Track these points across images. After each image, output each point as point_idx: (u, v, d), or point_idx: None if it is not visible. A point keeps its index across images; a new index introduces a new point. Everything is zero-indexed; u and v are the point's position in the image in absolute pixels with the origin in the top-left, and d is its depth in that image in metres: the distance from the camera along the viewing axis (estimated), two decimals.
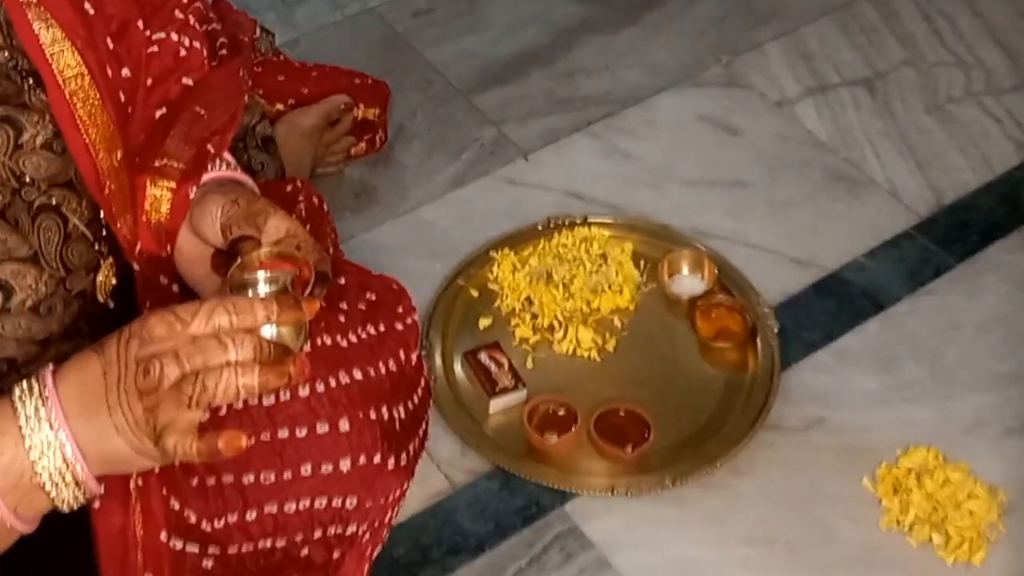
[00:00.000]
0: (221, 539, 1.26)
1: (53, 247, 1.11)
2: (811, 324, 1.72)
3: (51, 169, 1.12)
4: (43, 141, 1.12)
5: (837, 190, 1.92)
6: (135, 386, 0.96)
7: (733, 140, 2.01)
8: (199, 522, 1.24)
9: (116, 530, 1.21)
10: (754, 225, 1.86)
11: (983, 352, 1.68)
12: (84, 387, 0.98)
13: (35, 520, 1.02)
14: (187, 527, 1.24)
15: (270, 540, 1.29)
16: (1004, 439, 1.58)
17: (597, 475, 1.53)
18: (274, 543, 1.29)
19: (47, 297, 1.10)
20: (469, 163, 1.97)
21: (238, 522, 1.26)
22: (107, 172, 1.18)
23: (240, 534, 1.27)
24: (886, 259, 1.81)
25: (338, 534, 1.30)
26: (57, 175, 1.13)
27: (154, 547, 1.22)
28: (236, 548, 1.27)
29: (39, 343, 1.12)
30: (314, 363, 1.16)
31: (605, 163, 1.97)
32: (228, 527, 1.26)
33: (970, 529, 1.47)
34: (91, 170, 1.16)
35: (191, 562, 1.25)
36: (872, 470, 1.54)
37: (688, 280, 1.73)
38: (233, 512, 1.26)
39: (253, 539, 1.27)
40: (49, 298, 1.11)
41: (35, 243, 1.09)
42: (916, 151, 1.98)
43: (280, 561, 1.30)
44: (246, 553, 1.28)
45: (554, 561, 1.46)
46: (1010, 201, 1.89)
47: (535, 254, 1.77)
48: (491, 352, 1.63)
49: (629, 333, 1.69)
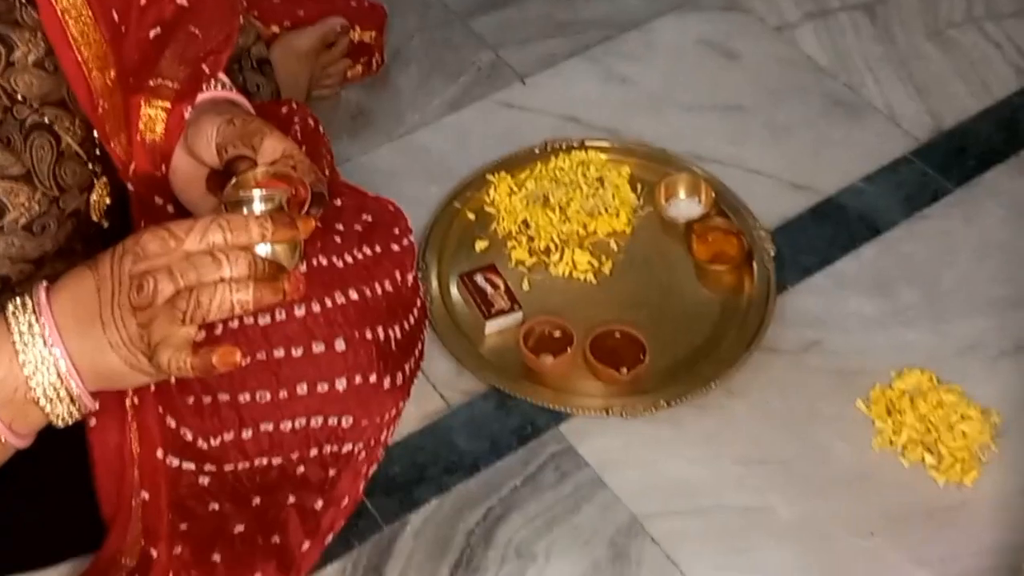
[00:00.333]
0: (217, 457, 1.27)
1: (46, 165, 1.11)
2: (808, 248, 1.72)
3: (43, 87, 1.12)
4: (35, 59, 1.11)
5: (836, 115, 1.91)
6: (129, 302, 0.96)
7: (732, 64, 2.00)
8: (195, 440, 1.25)
9: (112, 447, 1.22)
10: (752, 150, 1.86)
11: (979, 276, 1.68)
12: (78, 303, 0.98)
13: (30, 435, 1.03)
14: (183, 445, 1.25)
15: (266, 458, 1.30)
16: (998, 362, 1.58)
17: (592, 396, 1.54)
18: (270, 461, 1.30)
19: (40, 216, 1.10)
20: (466, 87, 1.96)
21: (234, 440, 1.27)
22: (100, 91, 1.17)
23: (236, 452, 1.28)
24: (884, 184, 1.80)
25: (334, 452, 1.32)
26: (49, 93, 1.12)
27: (151, 464, 1.23)
28: (232, 466, 1.29)
29: (33, 262, 1.12)
30: (311, 283, 1.17)
31: (603, 87, 1.96)
32: (224, 445, 1.27)
33: (962, 450, 1.48)
34: (84, 89, 1.15)
35: (187, 479, 1.26)
36: (866, 392, 1.54)
37: (685, 204, 1.73)
38: (229, 430, 1.27)
39: (249, 457, 1.29)
40: (42, 216, 1.11)
41: (28, 161, 1.09)
42: (916, 76, 1.97)
43: (276, 479, 1.31)
44: (242, 471, 1.29)
45: (549, 480, 1.47)
46: (1009, 126, 1.89)
47: (532, 177, 1.77)
48: (487, 274, 1.64)
49: (625, 256, 1.69)
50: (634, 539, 1.42)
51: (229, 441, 1.27)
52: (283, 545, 1.30)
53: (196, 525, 1.26)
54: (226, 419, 1.26)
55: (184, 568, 1.25)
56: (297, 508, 1.31)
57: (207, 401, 1.25)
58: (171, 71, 1.27)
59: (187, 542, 1.26)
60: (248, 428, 1.27)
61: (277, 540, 1.30)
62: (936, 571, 1.39)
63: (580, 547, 1.42)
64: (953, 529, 1.43)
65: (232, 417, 1.26)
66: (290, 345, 1.25)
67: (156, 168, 1.26)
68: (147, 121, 1.26)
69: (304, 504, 1.31)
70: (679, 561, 1.40)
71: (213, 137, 1.18)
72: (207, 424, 1.25)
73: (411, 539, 1.42)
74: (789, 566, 1.40)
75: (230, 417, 1.26)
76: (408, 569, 1.40)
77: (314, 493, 1.32)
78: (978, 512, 1.44)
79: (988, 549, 1.41)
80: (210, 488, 1.28)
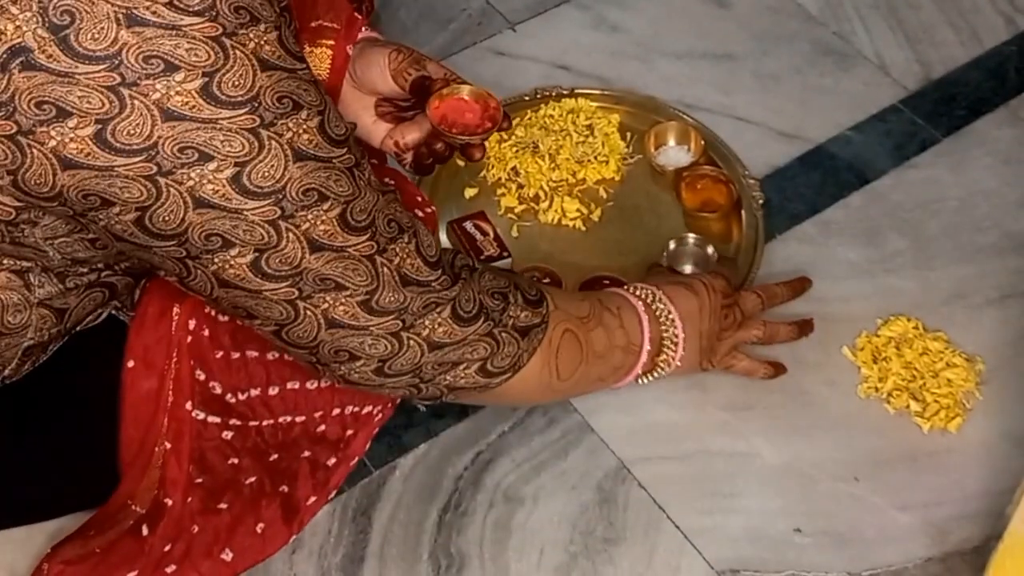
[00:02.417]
0: (243, 412, 1.28)
1: None
2: (796, 196, 1.72)
3: None
4: None
5: (825, 64, 1.91)
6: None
7: (722, 12, 1.99)
8: (223, 394, 1.27)
9: (145, 392, 1.24)
10: (741, 98, 1.86)
11: (966, 225, 1.69)
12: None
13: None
14: (211, 398, 1.26)
15: (290, 416, 1.31)
16: (983, 310, 1.59)
17: None
18: (294, 419, 1.31)
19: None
20: (456, 34, 1.96)
21: (261, 395, 1.29)
22: None
23: (263, 408, 1.29)
24: (872, 133, 1.81)
25: (355, 413, 1.33)
26: None
27: (178, 415, 1.25)
28: (257, 422, 1.30)
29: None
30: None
31: (593, 35, 1.96)
32: (251, 400, 1.28)
33: (947, 397, 1.49)
34: None
35: (211, 432, 1.27)
36: (852, 340, 1.56)
37: (674, 152, 1.73)
38: (257, 387, 1.28)
39: (274, 414, 1.30)
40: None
41: None
42: (905, 25, 1.97)
43: (296, 436, 1.32)
44: (266, 427, 1.30)
45: (537, 425, 1.49)
46: (998, 76, 1.89)
47: (521, 125, 1.77)
48: (477, 221, 1.64)
49: (615, 204, 1.70)
50: (621, 484, 1.44)
51: (256, 396, 1.28)
52: (290, 495, 1.31)
53: (211, 478, 1.27)
54: (254, 375, 1.27)
55: (191, 516, 1.27)
56: (310, 461, 1.32)
57: (235, 356, 1.26)
58: (329, 14, 1.36)
59: (199, 493, 1.27)
60: (276, 385, 1.29)
61: (285, 489, 1.31)
62: (920, 516, 1.41)
63: (567, 492, 1.43)
64: (937, 475, 1.44)
65: (260, 373, 1.28)
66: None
67: None
68: (313, 60, 1.33)
69: (317, 459, 1.33)
70: (665, 505, 1.42)
71: (386, 66, 1.33)
72: (236, 378, 1.27)
73: (400, 483, 1.44)
74: (774, 510, 1.41)
75: (259, 373, 1.28)
76: (397, 512, 1.41)
77: (328, 450, 1.33)
78: (962, 458, 1.46)
79: (971, 495, 1.42)
80: (232, 442, 1.29)
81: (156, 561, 1.25)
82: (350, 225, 1.05)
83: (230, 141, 0.95)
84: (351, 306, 1.09)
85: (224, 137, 0.95)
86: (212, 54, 0.92)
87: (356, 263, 1.07)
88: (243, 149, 0.96)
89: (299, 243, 1.02)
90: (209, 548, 1.27)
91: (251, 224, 0.99)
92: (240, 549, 1.28)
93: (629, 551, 1.39)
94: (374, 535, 1.40)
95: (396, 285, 1.10)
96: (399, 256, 1.10)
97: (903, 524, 1.40)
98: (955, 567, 1.37)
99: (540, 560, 1.38)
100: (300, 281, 1.05)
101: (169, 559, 1.25)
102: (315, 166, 1.00)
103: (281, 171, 0.98)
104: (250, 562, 1.30)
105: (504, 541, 1.39)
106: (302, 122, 0.99)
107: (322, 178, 1.01)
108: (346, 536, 1.40)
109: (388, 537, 1.40)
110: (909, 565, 1.37)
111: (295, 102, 0.98)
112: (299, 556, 1.37)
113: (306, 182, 1.00)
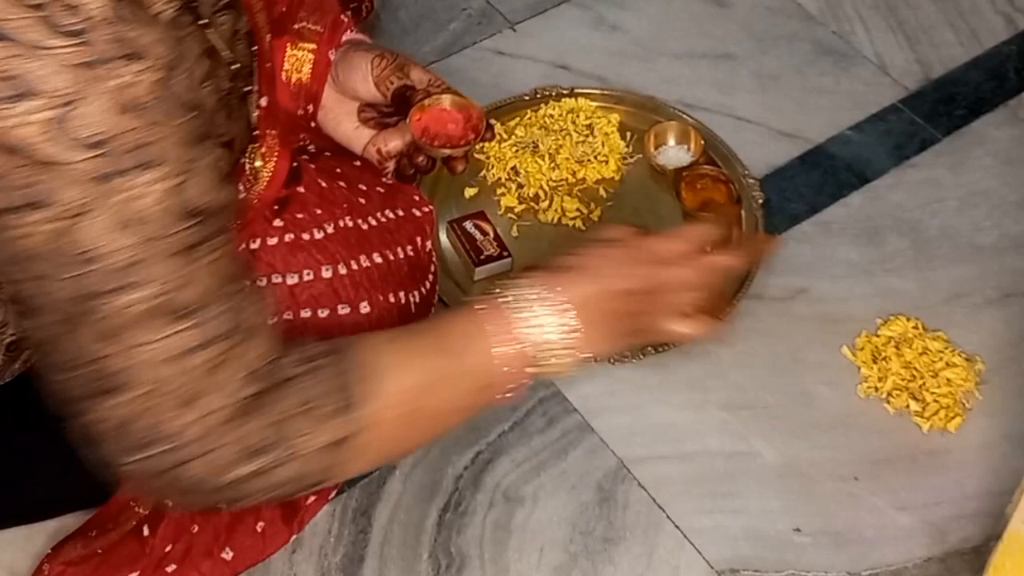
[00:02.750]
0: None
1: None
2: (795, 196, 1.72)
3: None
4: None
5: (825, 63, 1.91)
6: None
7: (722, 12, 1.99)
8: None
9: None
10: (741, 97, 1.86)
11: (965, 225, 1.69)
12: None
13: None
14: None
15: None
16: (983, 309, 1.60)
17: None
18: None
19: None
20: (456, 33, 1.96)
21: None
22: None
23: None
24: (872, 132, 1.81)
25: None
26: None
27: None
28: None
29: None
30: (338, 245, 1.22)
31: (593, 34, 1.96)
32: None
33: (947, 397, 1.49)
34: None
35: None
36: (852, 339, 1.56)
37: (674, 151, 1.73)
38: None
39: None
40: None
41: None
42: (905, 25, 1.97)
43: None
44: None
45: (537, 425, 1.49)
46: (997, 76, 1.89)
47: (521, 124, 1.77)
48: (477, 221, 1.64)
49: (614, 203, 1.70)
50: (620, 483, 1.44)
51: None
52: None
53: None
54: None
55: (191, 515, 1.27)
56: None
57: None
58: (314, 16, 1.34)
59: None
60: None
61: None
62: (919, 516, 1.41)
63: (567, 491, 1.43)
64: (936, 475, 1.45)
65: None
66: (316, 306, 1.26)
67: (297, 106, 1.34)
68: (294, 62, 1.32)
69: None
70: (665, 505, 1.42)
71: (369, 72, 1.30)
72: None
73: (400, 483, 1.44)
74: (773, 510, 1.42)
75: None
76: (397, 512, 1.41)
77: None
78: (961, 458, 1.46)
79: (971, 495, 1.43)
80: None
81: (157, 561, 1.25)
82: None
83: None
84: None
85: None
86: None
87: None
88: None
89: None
90: (209, 547, 1.27)
91: None
92: (240, 548, 1.29)
93: (629, 551, 1.39)
94: (374, 535, 1.40)
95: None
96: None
97: (903, 524, 1.40)
98: (955, 567, 1.37)
99: (540, 560, 1.38)
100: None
101: (170, 559, 1.26)
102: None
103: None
104: (250, 562, 1.30)
105: (504, 541, 1.39)
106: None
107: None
108: (346, 536, 1.40)
109: (388, 537, 1.40)
110: (909, 565, 1.38)
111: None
112: (299, 556, 1.37)
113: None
